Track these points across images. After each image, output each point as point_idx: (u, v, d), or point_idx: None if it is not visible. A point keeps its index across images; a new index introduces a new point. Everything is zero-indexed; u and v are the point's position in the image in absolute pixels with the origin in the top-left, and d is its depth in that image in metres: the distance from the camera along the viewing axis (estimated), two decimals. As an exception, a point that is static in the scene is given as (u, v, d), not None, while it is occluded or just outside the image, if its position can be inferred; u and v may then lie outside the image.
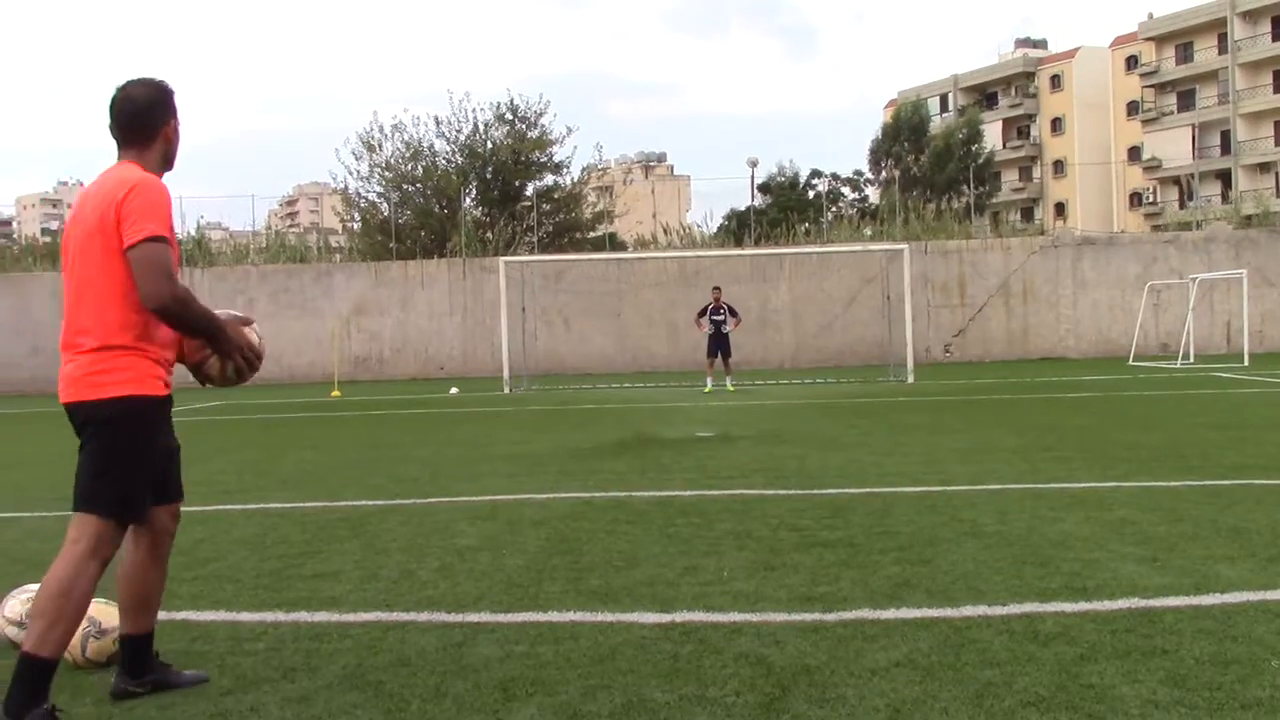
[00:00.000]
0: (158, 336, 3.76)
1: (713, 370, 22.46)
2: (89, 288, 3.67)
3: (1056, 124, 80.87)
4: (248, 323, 4.06)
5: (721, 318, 22.34)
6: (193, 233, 39.34)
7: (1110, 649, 4.11)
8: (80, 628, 4.22)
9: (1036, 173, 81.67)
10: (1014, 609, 4.70)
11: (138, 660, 3.96)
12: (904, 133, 66.76)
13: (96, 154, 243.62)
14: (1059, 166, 78.49)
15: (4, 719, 3.42)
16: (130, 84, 3.87)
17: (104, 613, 4.32)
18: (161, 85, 3.91)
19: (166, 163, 3.91)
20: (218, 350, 3.89)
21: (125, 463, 3.69)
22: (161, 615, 5.01)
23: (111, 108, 3.83)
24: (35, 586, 4.73)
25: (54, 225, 67.23)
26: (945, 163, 62.74)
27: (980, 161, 62.51)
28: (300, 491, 9.14)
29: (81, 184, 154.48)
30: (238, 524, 7.57)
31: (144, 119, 3.80)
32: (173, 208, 3.75)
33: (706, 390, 21.98)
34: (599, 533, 6.76)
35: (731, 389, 22.23)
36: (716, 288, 23.33)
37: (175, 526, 4.08)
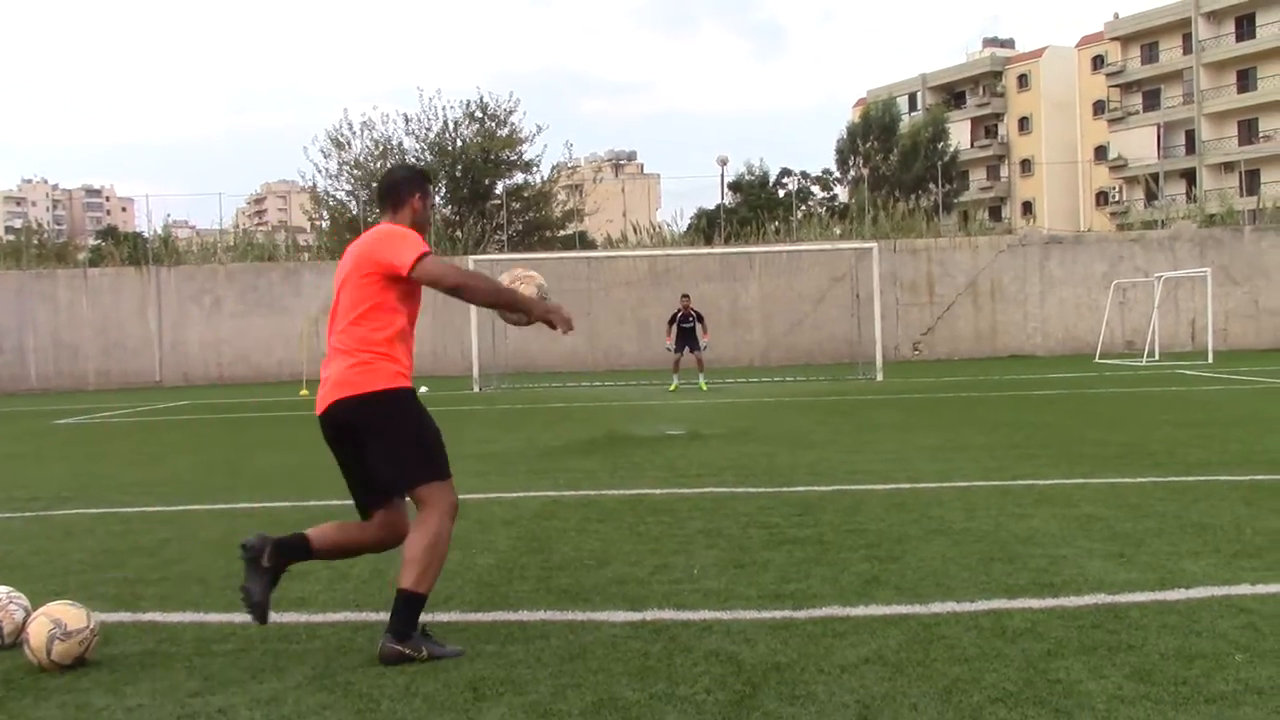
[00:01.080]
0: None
1: (679, 368, 22.41)
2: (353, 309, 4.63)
3: (1024, 123, 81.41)
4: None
5: (690, 325, 22.30)
6: (159, 231, 39.06)
7: (1077, 644, 4.14)
8: (46, 629, 4.20)
9: (1004, 172, 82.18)
10: (982, 605, 4.72)
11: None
12: (874, 132, 67.00)
13: (60, 152, 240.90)
14: (1026, 165, 79.04)
15: (390, 643, 4.20)
16: (395, 168, 4.99)
17: (70, 615, 4.28)
18: (415, 167, 5.08)
19: (416, 228, 4.62)
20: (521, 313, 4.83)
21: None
22: (126, 616, 4.98)
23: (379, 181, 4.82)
24: (1, 589, 4.69)
25: (17, 223, 66.49)
26: (913, 161, 63.01)
27: (946, 159, 62.80)
28: (268, 491, 9.09)
29: (45, 180, 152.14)
30: (205, 524, 7.52)
31: (394, 191, 4.65)
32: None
33: (671, 389, 21.89)
34: (569, 531, 6.75)
35: (704, 387, 22.23)
36: (685, 295, 23.25)
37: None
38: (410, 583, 4.27)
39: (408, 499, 4.55)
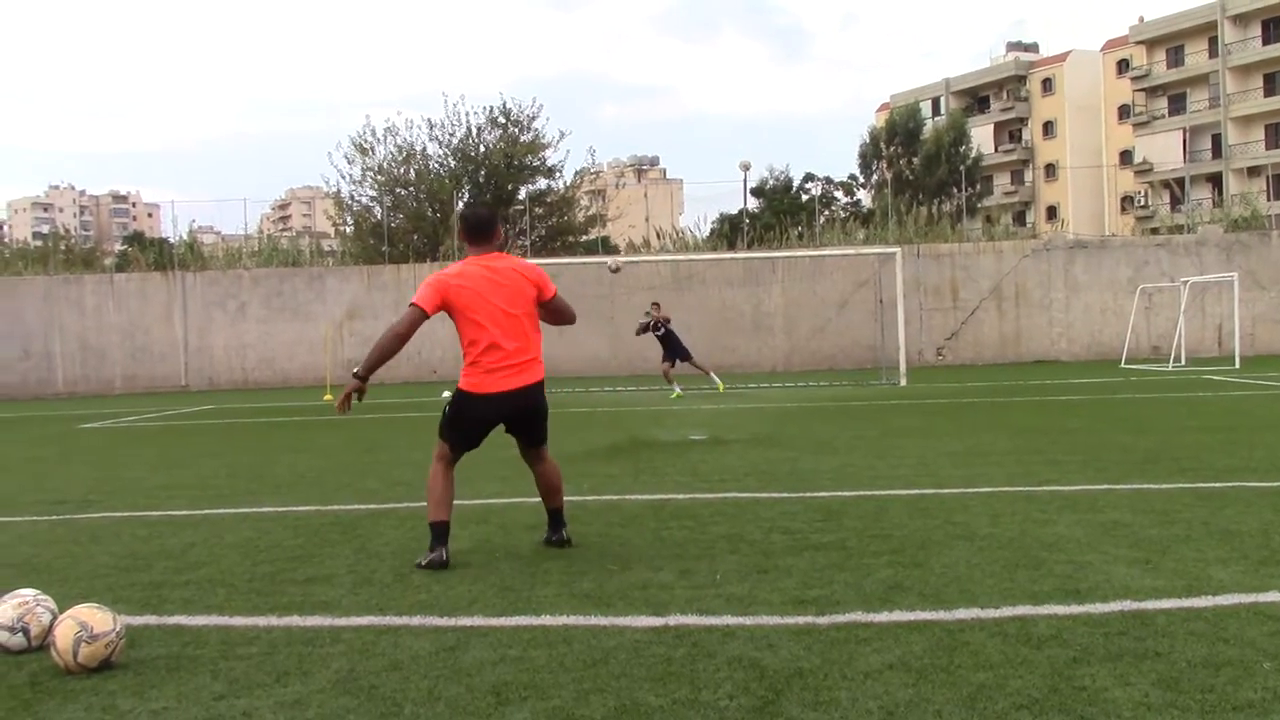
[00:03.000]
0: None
1: (671, 376, 22.24)
2: (530, 321, 6.23)
3: (1048, 127, 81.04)
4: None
5: (662, 334, 22.18)
6: (184, 236, 39.33)
7: (1103, 651, 4.11)
8: (72, 632, 4.23)
9: (1028, 176, 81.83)
10: (1007, 611, 4.70)
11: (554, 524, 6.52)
12: (897, 136, 66.84)
13: (87, 159, 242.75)
14: (1051, 170, 78.69)
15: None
16: (478, 205, 5.43)
17: (96, 618, 4.31)
18: (493, 207, 5.71)
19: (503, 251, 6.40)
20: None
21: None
22: (152, 619, 5.02)
23: (472, 220, 6.39)
24: (28, 592, 4.72)
25: (44, 229, 67.03)
26: (936, 167, 62.83)
27: (970, 164, 62.57)
28: (293, 496, 9.12)
29: (72, 186, 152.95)
30: (230, 528, 7.56)
31: (487, 227, 6.36)
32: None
33: (674, 396, 21.65)
34: (592, 536, 6.76)
35: (721, 388, 22.18)
36: (655, 303, 23.13)
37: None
38: (563, 501, 6.53)
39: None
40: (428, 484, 6.18)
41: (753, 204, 56.55)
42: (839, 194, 64.91)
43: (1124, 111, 76.14)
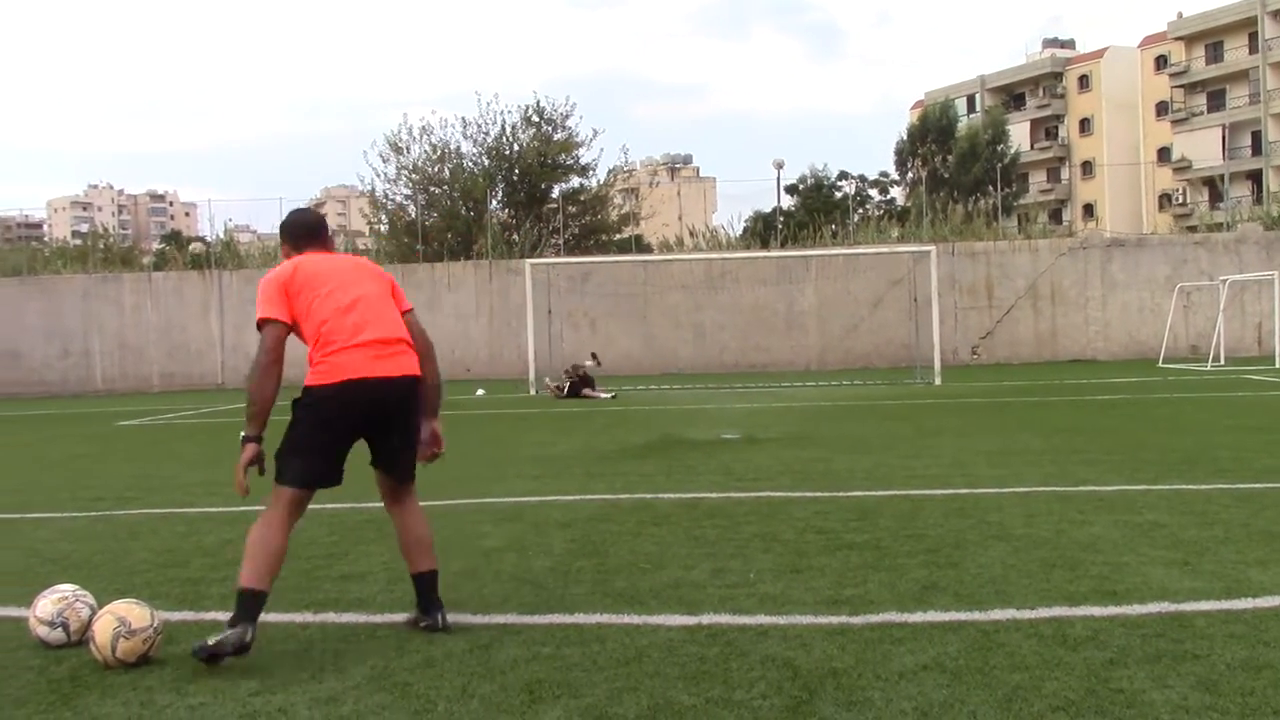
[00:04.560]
0: None
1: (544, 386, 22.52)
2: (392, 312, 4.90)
3: (1085, 124, 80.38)
4: None
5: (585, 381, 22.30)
6: (221, 235, 39.64)
7: (1140, 653, 4.08)
8: (111, 627, 4.28)
9: (1064, 174, 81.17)
10: (1042, 613, 4.67)
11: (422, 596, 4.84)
12: (931, 134, 66.49)
13: (125, 158, 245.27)
14: (1087, 167, 78.01)
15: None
16: (310, 209, 5.28)
17: (134, 613, 4.35)
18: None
19: None
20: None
21: None
22: (189, 615, 5.06)
23: (312, 222, 5.12)
24: (67, 587, 4.78)
25: (83, 228, 67.79)
26: (971, 164, 62.44)
27: (1006, 162, 62.15)
28: (328, 493, 9.14)
29: (111, 186, 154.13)
30: (266, 525, 7.60)
31: (327, 230, 5.14)
32: None
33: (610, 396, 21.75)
34: (625, 535, 6.76)
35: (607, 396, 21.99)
36: (594, 355, 23.39)
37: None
38: (436, 562, 4.95)
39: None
40: (249, 537, 4.66)
41: (786, 202, 56.44)
42: (873, 192, 64.66)
43: (1162, 108, 75.39)
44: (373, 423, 4.77)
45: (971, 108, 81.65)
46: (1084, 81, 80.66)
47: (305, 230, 5.00)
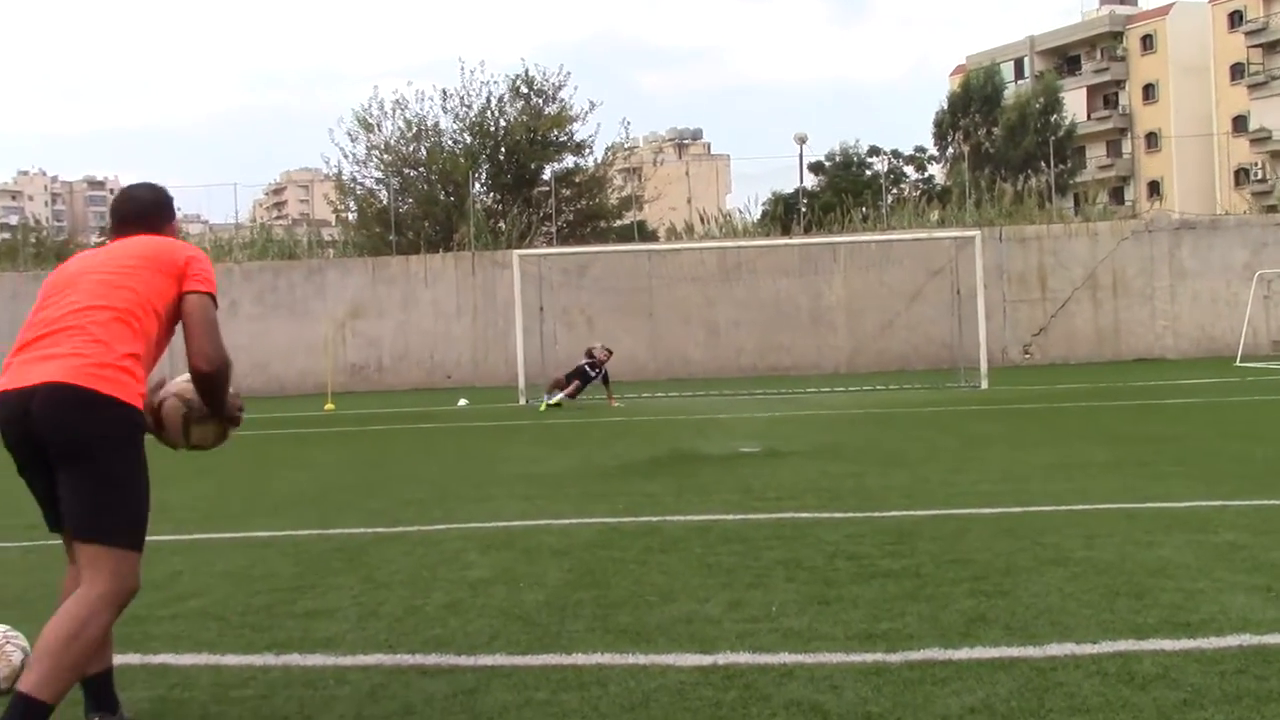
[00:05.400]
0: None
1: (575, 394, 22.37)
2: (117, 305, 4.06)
3: (1149, 91, 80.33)
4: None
5: (596, 375, 22.39)
6: (168, 226, 39.70)
7: (1218, 692, 4.07)
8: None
9: (1126, 147, 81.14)
10: (1106, 647, 4.67)
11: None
12: (974, 103, 66.47)
13: (59, 142, 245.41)
14: (1152, 140, 77.97)
15: None
16: (134, 186, 4.57)
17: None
18: (162, 189, 4.58)
19: None
20: (221, 421, 4.35)
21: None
22: (135, 659, 5.06)
23: (116, 207, 4.47)
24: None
25: (13, 220, 67.96)
26: (1020, 137, 62.41)
27: (1060, 134, 62.12)
28: (291, 518, 9.19)
29: (43, 172, 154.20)
30: (221, 555, 7.62)
31: (147, 215, 4.40)
32: None
33: (542, 409, 21.67)
34: (629, 563, 6.76)
35: (544, 408, 21.87)
36: (608, 350, 23.20)
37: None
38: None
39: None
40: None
41: (810, 182, 56.45)
42: (909, 170, 64.67)
43: (1237, 71, 75.34)
44: (32, 453, 3.92)
45: (1020, 73, 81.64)
46: (1148, 42, 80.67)
47: (112, 216, 4.45)
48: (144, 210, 4.39)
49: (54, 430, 3.82)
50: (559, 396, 22.14)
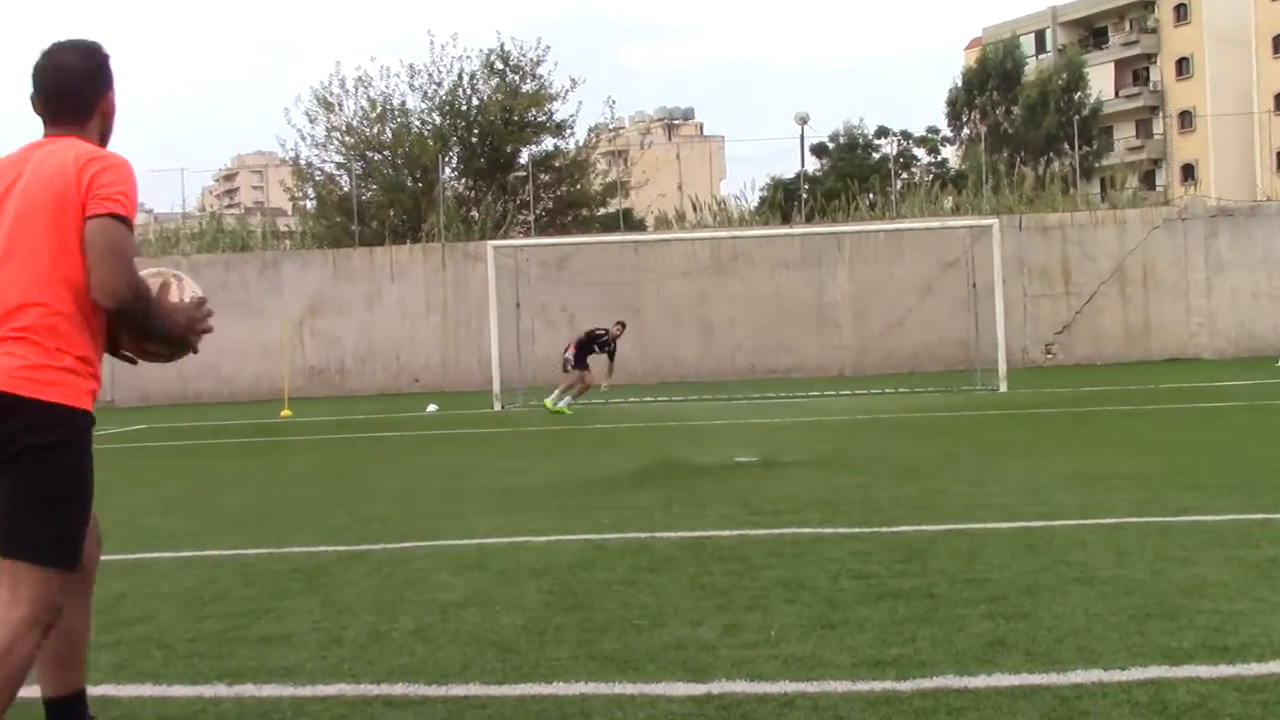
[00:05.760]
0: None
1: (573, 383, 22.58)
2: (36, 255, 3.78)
3: (1183, 65, 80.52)
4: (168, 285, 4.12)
5: (604, 354, 22.74)
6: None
7: (1258, 723, 4.09)
8: None
9: (1158, 127, 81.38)
10: (1136, 674, 4.67)
11: None
12: (993, 80, 66.62)
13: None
14: (1186, 119, 78.18)
15: None
16: (60, 49, 4.03)
17: None
18: (96, 50, 4.09)
19: (103, 142, 4.07)
20: (173, 349, 4.13)
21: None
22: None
23: (37, 77, 4.01)
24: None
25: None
26: (1041, 116, 62.58)
27: (1085, 113, 62.29)
28: (244, 535, 9.17)
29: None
30: (168, 576, 7.60)
31: (77, 93, 3.99)
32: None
33: (555, 409, 21.92)
34: (615, 584, 6.76)
35: (550, 406, 22.17)
36: (621, 323, 23.49)
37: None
38: None
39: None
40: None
41: (812, 166, 56.55)
42: (920, 153, 64.82)
43: None
44: None
45: (1041, 46, 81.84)
46: (1181, 12, 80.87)
47: (34, 90, 4.05)
48: (68, 86, 3.97)
49: None
50: (566, 401, 22.27)
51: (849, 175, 49.77)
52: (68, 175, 3.77)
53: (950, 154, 66.55)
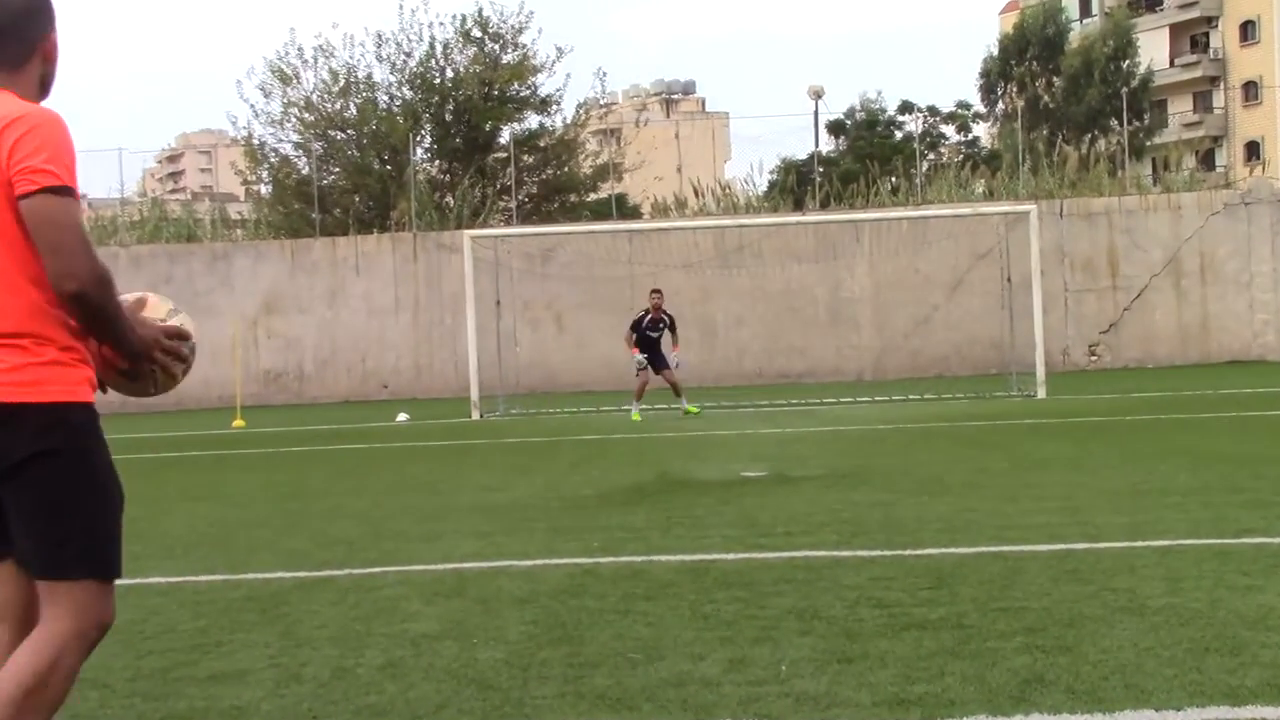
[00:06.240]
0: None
1: (644, 392, 22.98)
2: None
3: (1247, 30, 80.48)
4: (142, 305, 4.15)
5: (658, 334, 22.80)
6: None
7: (1327, 768, 4.10)
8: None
9: (1218, 100, 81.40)
10: (1193, 715, 4.69)
11: None
12: (1034, 48, 66.54)
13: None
14: (1251, 90, 78.17)
15: None
16: None
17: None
18: None
19: (44, 90, 4.02)
20: (132, 363, 3.97)
21: None
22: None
23: None
24: None
25: None
26: (1086, 89, 62.55)
27: (1135, 85, 62.28)
28: (192, 561, 9.17)
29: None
30: (104, 607, 7.60)
31: (15, 31, 3.89)
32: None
33: (635, 419, 22.32)
34: (607, 613, 6.77)
35: (692, 410, 22.58)
36: (656, 291, 23.51)
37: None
38: None
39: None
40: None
41: (828, 146, 56.57)
42: (948, 130, 64.81)
43: (1355, 5, 75.61)
44: None
45: (1087, 10, 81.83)
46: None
47: None
48: (3, 23, 3.86)
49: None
50: (637, 407, 22.80)
51: (868, 156, 49.78)
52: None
53: (982, 132, 66.53)
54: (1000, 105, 66.56)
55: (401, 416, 25.05)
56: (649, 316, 23.02)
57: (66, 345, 3.77)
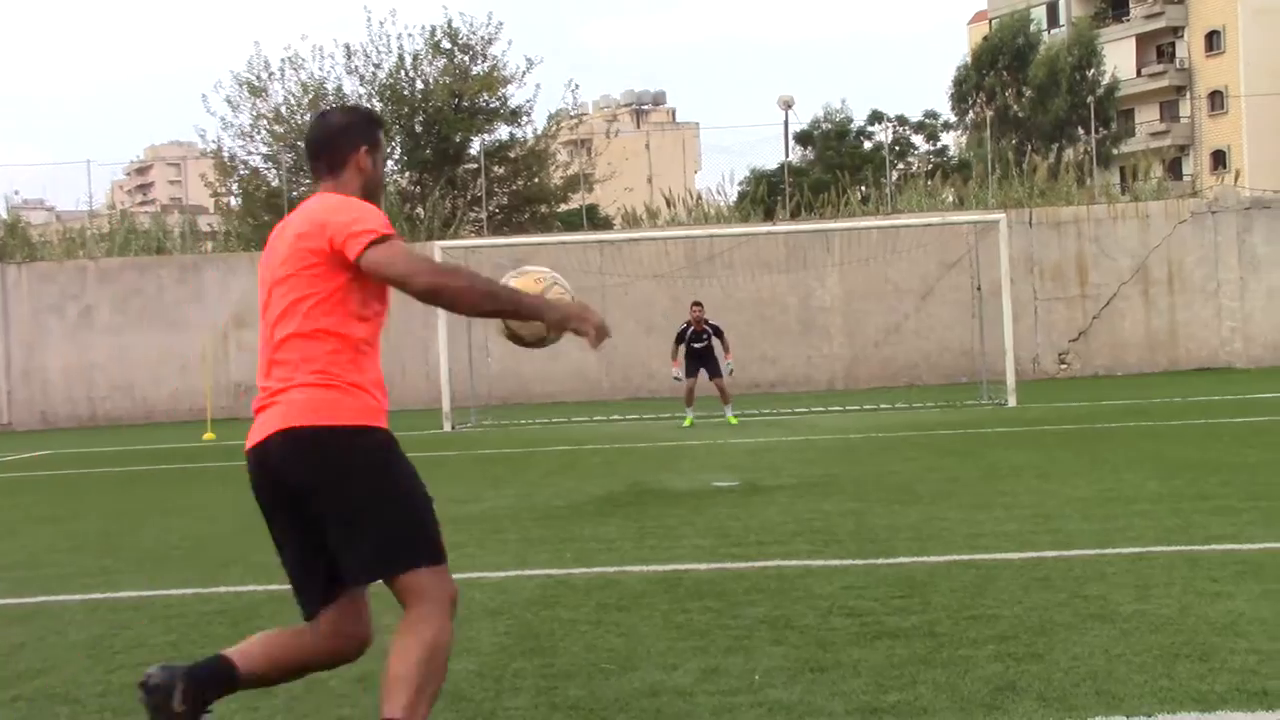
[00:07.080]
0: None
1: (694, 398, 22.88)
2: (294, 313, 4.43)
3: (1213, 40, 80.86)
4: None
5: (704, 344, 22.67)
6: (3, 215, 39.33)
7: (1297, 774, 4.12)
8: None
9: (1185, 109, 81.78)
10: (1162, 721, 4.71)
11: None
12: (1004, 58, 66.77)
13: None
14: (1217, 100, 78.55)
15: None
16: (328, 110, 4.94)
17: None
18: (357, 109, 5.02)
19: (366, 198, 4.61)
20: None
21: None
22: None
23: (306, 135, 4.80)
24: None
25: None
26: (1053, 98, 62.81)
27: (1102, 94, 62.54)
28: (162, 575, 9.13)
29: None
30: (75, 621, 7.56)
31: (330, 144, 4.65)
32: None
33: (687, 424, 22.45)
34: (580, 624, 6.77)
35: (733, 421, 22.45)
36: (697, 304, 23.50)
37: None
38: (401, 710, 4.14)
39: (369, 590, 4.61)
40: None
41: (797, 156, 56.66)
42: (918, 140, 64.99)
43: (1320, 15, 76.00)
44: (287, 511, 4.63)
45: (1054, 20, 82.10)
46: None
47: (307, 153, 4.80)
48: (323, 145, 4.65)
49: (304, 477, 4.45)
50: (690, 413, 22.93)
51: (838, 166, 49.83)
52: (313, 228, 4.38)
53: (951, 141, 66.72)
54: (970, 114, 66.75)
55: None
56: (691, 329, 22.95)
57: (354, 381, 4.47)
